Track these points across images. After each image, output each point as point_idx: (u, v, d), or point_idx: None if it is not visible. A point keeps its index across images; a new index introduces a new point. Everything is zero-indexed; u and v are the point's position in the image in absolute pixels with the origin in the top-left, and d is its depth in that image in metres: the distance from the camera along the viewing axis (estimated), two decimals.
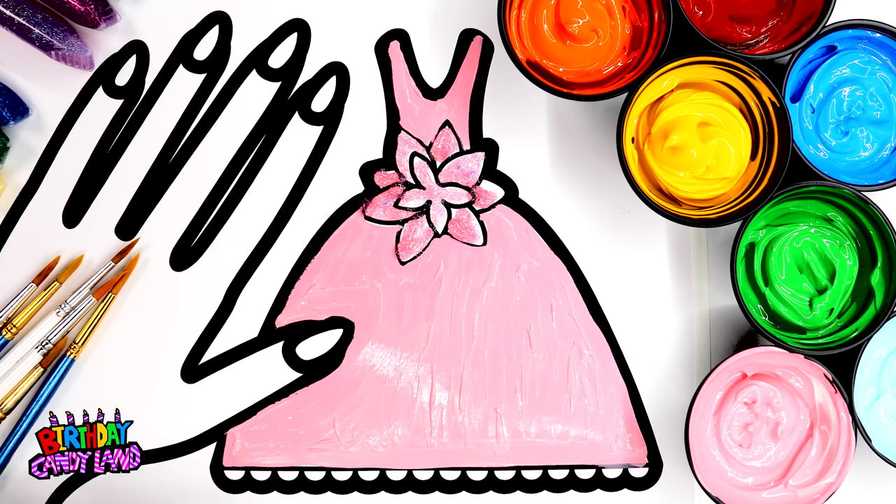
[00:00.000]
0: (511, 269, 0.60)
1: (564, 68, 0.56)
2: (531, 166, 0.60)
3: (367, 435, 0.59)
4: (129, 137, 0.60)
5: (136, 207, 0.60)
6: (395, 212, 0.60)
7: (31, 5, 0.57)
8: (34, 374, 0.58)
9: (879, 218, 0.54)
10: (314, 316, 0.60)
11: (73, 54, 0.57)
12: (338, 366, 0.60)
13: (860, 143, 0.56)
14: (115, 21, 0.58)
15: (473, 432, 0.59)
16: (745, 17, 0.57)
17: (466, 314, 0.59)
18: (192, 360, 0.60)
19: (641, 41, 0.55)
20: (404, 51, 0.60)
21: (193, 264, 0.60)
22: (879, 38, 0.55)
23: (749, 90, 0.54)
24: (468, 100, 0.60)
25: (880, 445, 0.55)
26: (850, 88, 0.56)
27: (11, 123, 0.59)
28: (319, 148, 0.60)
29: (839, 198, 0.55)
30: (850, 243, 0.56)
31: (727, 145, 0.53)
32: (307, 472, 0.59)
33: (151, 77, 0.60)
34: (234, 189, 0.60)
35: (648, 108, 0.55)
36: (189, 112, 0.60)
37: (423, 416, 0.59)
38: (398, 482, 0.59)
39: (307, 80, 0.60)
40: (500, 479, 0.59)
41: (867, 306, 0.55)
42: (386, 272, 0.60)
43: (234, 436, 0.60)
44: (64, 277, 0.59)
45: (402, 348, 0.59)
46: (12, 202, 0.60)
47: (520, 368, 0.59)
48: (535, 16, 0.55)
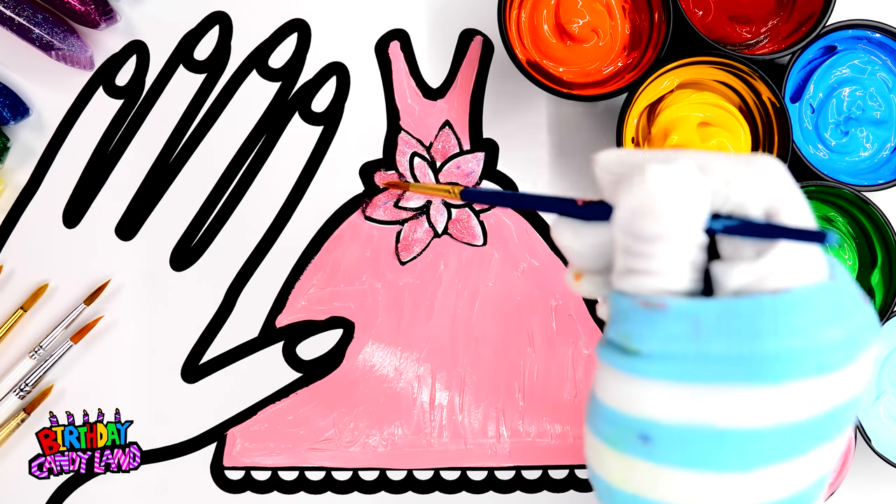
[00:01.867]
0: (511, 269, 0.60)
1: (564, 68, 0.56)
2: (531, 166, 0.60)
3: (367, 435, 0.59)
4: (129, 137, 0.60)
5: (136, 207, 0.60)
6: (396, 212, 0.60)
7: (32, 5, 0.57)
8: (18, 418, 0.58)
9: (879, 218, 0.54)
10: (314, 316, 0.60)
11: (73, 54, 0.57)
12: (338, 366, 0.60)
13: (860, 144, 0.56)
14: (115, 21, 0.58)
15: (473, 432, 0.59)
16: (745, 17, 0.57)
17: (466, 314, 0.59)
18: (192, 360, 0.60)
19: (641, 41, 0.55)
20: (404, 51, 0.60)
21: (193, 264, 0.60)
22: (879, 38, 0.55)
23: (749, 90, 0.54)
24: (468, 100, 0.60)
25: (880, 445, 0.55)
26: (850, 88, 0.56)
27: (11, 123, 0.59)
28: (319, 148, 0.60)
29: (839, 198, 0.55)
30: (850, 243, 0.56)
31: (727, 145, 0.53)
32: (307, 472, 0.59)
33: (151, 77, 0.60)
34: (234, 189, 0.60)
35: (648, 108, 0.55)
36: (189, 112, 0.60)
37: (423, 416, 0.59)
38: (398, 482, 0.59)
39: (307, 81, 0.60)
40: (500, 479, 0.59)
41: None
42: (386, 272, 0.60)
43: (235, 436, 0.60)
44: (28, 305, 0.59)
45: (402, 348, 0.60)
46: (12, 202, 0.60)
47: (520, 368, 0.59)
48: (535, 16, 0.55)
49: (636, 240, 0.30)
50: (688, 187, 0.30)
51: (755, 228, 0.29)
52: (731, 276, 0.29)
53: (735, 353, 0.29)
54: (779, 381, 0.28)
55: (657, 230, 0.30)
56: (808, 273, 0.29)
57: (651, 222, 0.30)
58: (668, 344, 0.30)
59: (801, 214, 0.30)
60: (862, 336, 0.30)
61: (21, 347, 0.59)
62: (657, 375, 0.30)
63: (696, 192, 0.30)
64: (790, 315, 0.28)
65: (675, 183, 0.30)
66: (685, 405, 0.29)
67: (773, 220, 0.30)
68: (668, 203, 0.30)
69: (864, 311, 0.31)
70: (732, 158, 0.31)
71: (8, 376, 0.58)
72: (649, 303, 0.30)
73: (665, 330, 0.30)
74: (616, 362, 0.31)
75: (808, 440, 0.29)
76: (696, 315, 0.29)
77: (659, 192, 0.30)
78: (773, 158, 0.30)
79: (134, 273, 0.60)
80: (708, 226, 0.30)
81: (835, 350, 0.29)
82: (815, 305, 0.29)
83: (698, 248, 0.30)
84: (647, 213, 0.30)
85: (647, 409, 0.30)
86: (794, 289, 0.29)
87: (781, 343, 0.28)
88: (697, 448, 0.29)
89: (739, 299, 0.29)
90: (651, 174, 0.30)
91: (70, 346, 0.58)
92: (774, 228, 0.29)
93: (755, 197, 0.30)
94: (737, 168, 0.30)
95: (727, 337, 0.29)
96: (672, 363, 0.29)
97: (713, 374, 0.29)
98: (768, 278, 0.29)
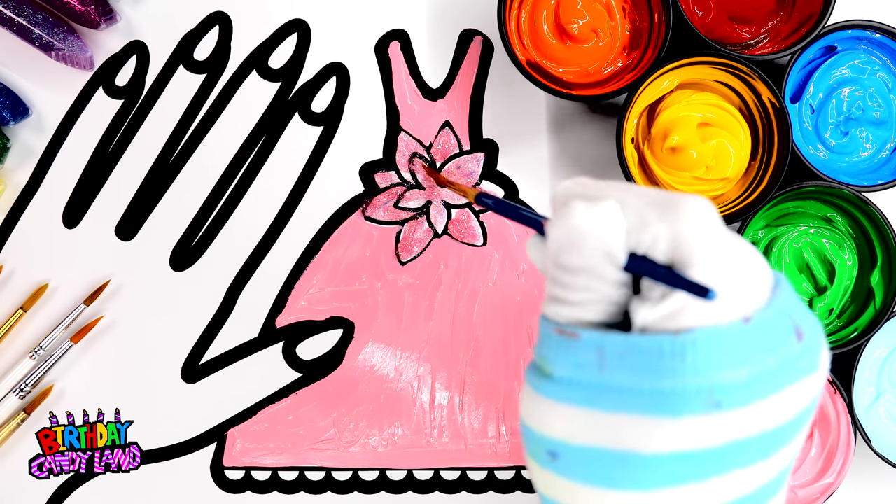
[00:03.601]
0: (511, 269, 0.60)
1: (564, 68, 0.56)
2: (531, 166, 0.60)
3: (367, 435, 0.59)
4: (129, 138, 0.60)
5: (136, 207, 0.60)
6: (396, 212, 0.60)
7: (32, 6, 0.57)
8: (18, 418, 0.58)
9: (879, 218, 0.54)
10: (314, 316, 0.60)
11: (73, 55, 0.57)
12: (338, 366, 0.60)
13: (860, 144, 0.56)
14: (115, 21, 0.58)
15: (473, 432, 0.59)
16: (744, 18, 0.57)
17: (466, 314, 0.60)
18: (192, 361, 0.60)
19: (641, 41, 0.55)
20: (404, 51, 0.60)
21: (193, 264, 0.60)
22: (879, 38, 0.55)
23: (749, 90, 0.54)
24: (468, 100, 0.60)
25: (880, 446, 0.55)
26: (850, 89, 0.56)
27: (11, 124, 0.59)
28: (319, 148, 0.60)
29: (839, 198, 0.55)
30: (850, 244, 0.56)
31: (727, 146, 0.53)
32: (307, 472, 0.59)
33: (151, 77, 0.60)
34: (234, 189, 0.60)
35: (648, 108, 0.55)
36: (189, 112, 0.60)
37: (423, 416, 0.59)
38: (398, 482, 0.59)
39: (307, 81, 0.60)
40: (500, 479, 0.59)
41: (867, 307, 0.55)
42: (386, 272, 0.60)
43: (234, 436, 0.60)
44: (28, 305, 0.59)
45: (402, 348, 0.60)
46: (12, 202, 0.60)
47: (520, 368, 0.59)
48: (535, 16, 0.55)
49: (558, 269, 0.33)
50: (605, 226, 0.32)
51: (655, 273, 0.31)
52: (638, 314, 0.31)
53: (635, 387, 0.31)
54: (673, 415, 0.30)
55: (574, 263, 0.32)
56: (718, 313, 0.31)
57: (569, 255, 0.32)
58: (577, 371, 0.32)
59: (703, 265, 0.31)
60: (780, 374, 0.31)
61: (21, 347, 0.59)
62: (565, 399, 0.32)
63: (612, 231, 0.32)
64: (687, 356, 0.30)
65: (593, 221, 0.32)
66: (588, 428, 0.31)
67: (675, 268, 0.31)
68: (586, 239, 0.32)
69: (792, 349, 0.32)
70: (656, 200, 0.32)
71: (8, 376, 0.58)
72: (563, 331, 0.32)
73: (575, 358, 0.32)
74: (532, 382, 0.33)
75: (708, 468, 0.31)
76: (602, 347, 0.31)
77: (579, 227, 0.32)
78: (698, 202, 0.32)
79: (134, 273, 0.60)
80: (626, 264, 0.32)
81: (733, 390, 0.30)
82: (715, 347, 0.30)
83: (614, 284, 0.32)
84: (566, 246, 0.32)
85: (554, 430, 0.32)
86: (696, 330, 0.30)
87: (676, 382, 0.30)
88: (600, 467, 0.31)
89: (642, 336, 0.31)
90: (575, 210, 0.32)
91: (70, 347, 0.58)
92: (668, 275, 0.31)
93: (661, 244, 0.31)
94: (651, 213, 0.32)
95: (629, 370, 0.31)
96: (579, 389, 0.32)
97: (615, 403, 0.31)
98: (674, 317, 0.31)
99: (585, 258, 0.32)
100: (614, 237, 0.32)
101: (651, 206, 0.32)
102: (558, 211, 0.33)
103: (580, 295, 0.32)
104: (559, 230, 0.32)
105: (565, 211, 0.32)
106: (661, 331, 0.31)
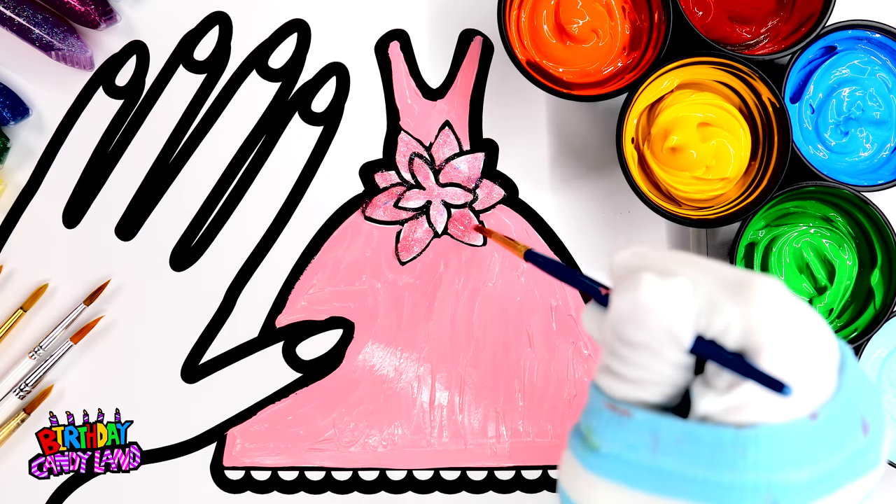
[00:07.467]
0: (511, 269, 0.60)
1: (564, 69, 0.56)
2: (531, 166, 0.60)
3: (367, 435, 0.59)
4: (129, 137, 0.60)
5: (136, 207, 0.60)
6: (395, 212, 0.60)
7: (32, 5, 0.57)
8: (18, 418, 0.58)
9: (879, 218, 0.54)
10: (314, 316, 0.60)
11: (73, 54, 0.58)
12: (338, 366, 0.60)
13: (860, 144, 0.56)
14: (115, 21, 0.58)
15: (473, 432, 0.59)
16: (744, 18, 0.57)
17: (466, 314, 0.60)
18: (192, 360, 0.60)
19: (641, 41, 0.55)
20: (404, 51, 0.60)
21: (193, 264, 0.60)
22: (879, 38, 0.55)
23: (749, 90, 0.54)
24: (468, 100, 0.60)
25: None
26: (850, 89, 0.56)
27: (11, 124, 0.59)
28: (319, 148, 0.60)
29: (839, 198, 0.55)
30: (850, 243, 0.56)
31: (727, 146, 0.53)
32: (307, 471, 0.59)
33: (151, 77, 0.60)
34: (234, 189, 0.60)
35: (648, 108, 0.55)
36: (189, 112, 0.60)
37: (423, 416, 0.59)
38: (398, 482, 0.59)
39: (307, 81, 0.60)
40: (500, 479, 0.59)
41: (866, 307, 0.55)
42: (386, 272, 0.60)
43: (235, 436, 0.60)
44: (28, 305, 0.59)
45: (402, 348, 0.60)
46: (12, 202, 0.60)
47: (520, 368, 0.59)
48: (535, 16, 0.55)
49: (618, 342, 0.31)
50: (675, 305, 0.30)
51: (724, 360, 0.30)
52: (701, 403, 0.30)
53: (689, 474, 0.29)
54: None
55: (638, 339, 0.30)
56: (785, 409, 0.29)
57: (633, 330, 0.30)
58: (627, 450, 0.30)
59: (777, 355, 0.29)
60: (842, 472, 0.30)
61: (21, 347, 0.59)
62: (611, 476, 0.31)
63: (682, 311, 0.30)
64: (749, 452, 0.29)
65: (663, 298, 0.30)
66: None
67: (746, 356, 0.29)
68: (653, 316, 0.30)
69: (857, 444, 0.30)
70: (728, 281, 0.30)
71: (8, 376, 0.58)
72: (615, 407, 0.31)
73: (626, 436, 0.30)
74: (577, 452, 0.32)
75: None
76: (657, 431, 0.30)
77: (646, 303, 0.30)
78: (772, 285, 0.30)
79: (134, 273, 0.60)
80: (692, 346, 0.30)
81: (793, 490, 0.29)
82: (778, 446, 0.29)
83: (677, 366, 0.31)
84: (631, 321, 0.30)
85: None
86: (760, 427, 0.29)
87: (735, 476, 0.29)
88: None
89: (702, 426, 0.29)
90: (644, 284, 0.30)
91: (70, 346, 0.58)
92: (740, 365, 0.29)
93: (733, 330, 0.30)
94: (724, 296, 0.30)
95: (684, 457, 0.29)
96: (627, 468, 0.30)
97: (665, 487, 0.30)
98: (737, 411, 0.29)
99: (648, 335, 0.30)
100: (683, 318, 0.30)
101: (723, 288, 0.30)
102: (624, 281, 0.31)
103: (638, 373, 0.31)
104: (624, 302, 0.31)
105: (633, 282, 0.31)
106: (723, 422, 0.29)
